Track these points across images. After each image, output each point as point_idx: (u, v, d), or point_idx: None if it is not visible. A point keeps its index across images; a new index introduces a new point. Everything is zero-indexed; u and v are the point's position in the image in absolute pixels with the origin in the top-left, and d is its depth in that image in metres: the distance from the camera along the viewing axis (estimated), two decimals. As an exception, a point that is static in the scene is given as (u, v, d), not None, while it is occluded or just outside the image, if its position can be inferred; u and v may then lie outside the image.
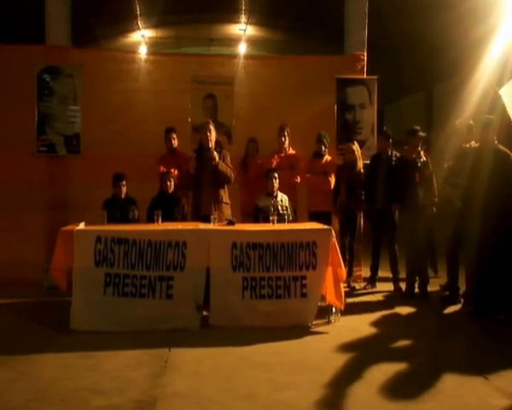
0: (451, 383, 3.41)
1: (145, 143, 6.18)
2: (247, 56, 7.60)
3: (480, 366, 3.67)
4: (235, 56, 7.45)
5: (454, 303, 5.30)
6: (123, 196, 5.48)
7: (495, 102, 5.43)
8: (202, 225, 4.85)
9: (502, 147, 4.99)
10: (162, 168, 5.68)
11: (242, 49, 10.36)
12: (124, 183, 5.46)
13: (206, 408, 3.04)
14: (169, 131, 5.93)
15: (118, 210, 5.29)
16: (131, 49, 10.09)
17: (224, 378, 3.48)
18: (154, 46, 14.03)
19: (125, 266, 4.45)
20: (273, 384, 3.37)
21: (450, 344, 4.23)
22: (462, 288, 5.38)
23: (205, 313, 4.58)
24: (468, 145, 5.55)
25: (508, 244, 4.75)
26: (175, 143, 5.94)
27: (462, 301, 5.29)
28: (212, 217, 4.88)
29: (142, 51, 7.20)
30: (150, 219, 5.16)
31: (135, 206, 5.45)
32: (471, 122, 5.69)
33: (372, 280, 6.07)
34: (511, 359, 3.63)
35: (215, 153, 5.22)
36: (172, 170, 5.59)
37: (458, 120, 6.16)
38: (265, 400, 3.15)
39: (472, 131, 5.56)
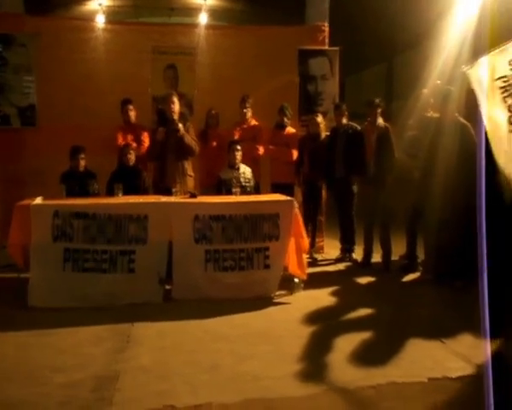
0: (411, 349, 3.52)
1: (104, 115, 5.98)
2: (209, 26, 7.41)
3: (438, 331, 3.80)
4: (196, 26, 7.26)
5: (413, 272, 5.45)
6: (81, 170, 5.30)
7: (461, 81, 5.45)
8: (164, 198, 4.77)
9: (461, 119, 5.07)
10: (120, 140, 5.53)
11: (203, 19, 10.09)
12: (82, 156, 5.28)
13: (170, 381, 3.04)
14: (125, 102, 5.75)
15: (76, 184, 5.13)
16: (89, 18, 9.69)
17: (187, 351, 3.48)
18: (112, 15, 13.50)
19: (85, 240, 4.35)
20: (237, 356, 3.39)
21: (410, 311, 4.35)
22: (421, 257, 5.53)
23: (168, 286, 4.55)
24: (428, 115, 5.59)
25: (465, 213, 4.88)
26: (132, 115, 5.77)
27: (420, 269, 5.45)
28: (173, 190, 4.81)
29: (100, 20, 6.89)
30: (110, 192, 5.03)
31: (94, 179, 5.29)
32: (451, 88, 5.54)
33: (346, 250, 6.14)
34: (467, 323, 3.77)
35: (180, 124, 5.12)
36: (131, 142, 5.45)
37: (424, 89, 6.14)
38: (229, 371, 3.17)
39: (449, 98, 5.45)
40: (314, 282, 4.97)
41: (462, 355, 3.42)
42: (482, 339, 2.46)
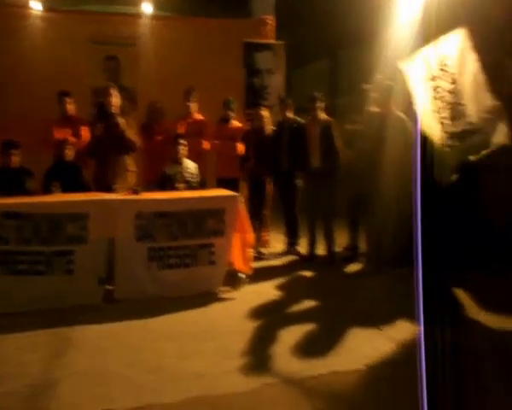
0: (351, 339, 3.62)
1: (38, 109, 5.68)
2: (153, 17, 7.20)
3: (377, 319, 3.93)
4: (139, 16, 7.05)
5: (355, 262, 5.58)
6: (14, 166, 5.01)
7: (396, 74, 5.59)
8: (105, 195, 4.62)
9: (400, 113, 5.22)
10: (57, 135, 5.28)
11: (147, 9, 9.82)
12: (14, 151, 4.97)
13: (111, 384, 2.95)
14: (63, 94, 5.48)
15: (8, 182, 4.84)
16: (22, 4, 9.16)
17: (130, 352, 3.40)
18: (49, 2, 12.89)
19: (19, 242, 4.12)
20: (181, 354, 3.35)
21: (351, 302, 4.45)
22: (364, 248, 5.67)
23: (110, 287, 4.41)
24: (371, 109, 5.70)
25: (403, 204, 5.03)
26: (70, 108, 5.51)
27: (363, 260, 5.59)
28: (114, 186, 4.66)
29: (35, 7, 6.55)
30: (46, 190, 4.80)
31: (29, 177, 5.01)
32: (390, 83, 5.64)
33: (291, 243, 6.16)
34: (402, 310, 3.92)
35: (119, 119, 4.96)
36: (69, 137, 5.22)
37: (366, 84, 6.26)
38: (173, 370, 3.12)
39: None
40: (259, 276, 4.99)
41: (395, 339, 3.57)
42: (417, 325, 2.55)
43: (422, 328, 2.62)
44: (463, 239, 4.50)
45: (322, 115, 5.82)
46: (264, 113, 6.16)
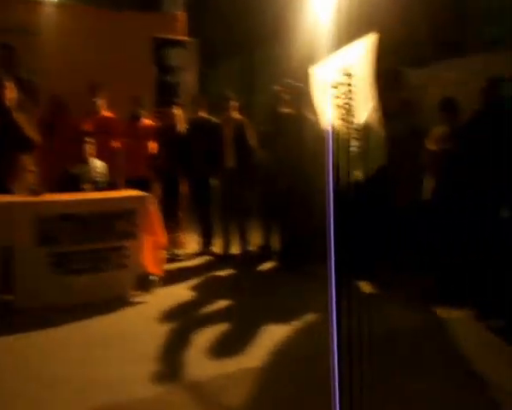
0: (263, 336, 3.68)
1: None
2: (56, 4, 6.75)
3: (288, 315, 4.04)
4: (40, 3, 6.58)
5: (268, 261, 5.66)
6: None
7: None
8: (1, 198, 4.26)
9: (310, 114, 5.34)
10: None
11: (51, -5, 9.25)
12: None
13: (11, 402, 2.73)
14: None
15: None
16: None
17: (33, 366, 3.17)
18: None
19: None
20: (89, 363, 3.20)
21: (263, 300, 4.51)
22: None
23: (9, 296, 4.08)
24: (282, 110, 5.80)
25: (308, 202, 5.19)
26: None
27: (276, 258, 5.68)
28: (10, 187, 4.32)
29: None
30: None
31: None
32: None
33: (206, 244, 6.11)
34: (313, 305, 4.11)
35: (15, 114, 4.59)
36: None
37: (276, 85, 6.37)
38: (80, 381, 2.96)
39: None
40: (173, 278, 4.91)
41: (310, 335, 3.68)
42: (329, 319, 2.63)
43: (335, 322, 2.72)
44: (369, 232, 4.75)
45: (236, 115, 5.84)
46: (177, 111, 6.05)
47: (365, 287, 4.79)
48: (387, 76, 4.68)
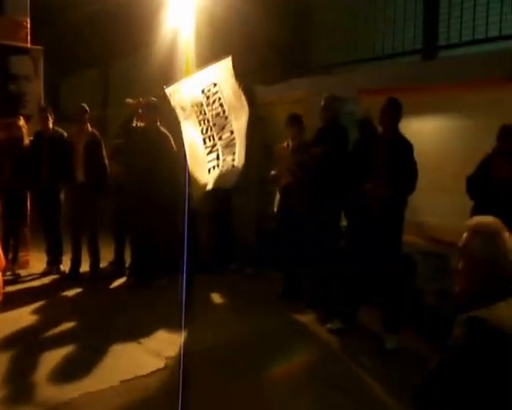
0: (108, 356, 3.59)
1: None
2: None
3: (137, 333, 3.97)
4: None
5: (121, 277, 5.53)
6: None
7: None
8: None
9: (163, 129, 5.36)
10: None
11: None
12: None
13: None
14: None
15: None
16: None
17: None
18: None
19: None
20: None
21: (112, 318, 4.36)
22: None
23: None
24: (134, 124, 5.71)
25: (166, 214, 5.21)
26: None
27: (127, 273, 5.54)
28: None
29: None
30: None
31: None
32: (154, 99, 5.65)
33: (53, 262, 5.74)
34: (165, 322, 4.05)
35: None
36: None
37: (129, 98, 6.25)
38: None
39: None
40: (15, 301, 4.58)
41: (156, 352, 3.67)
42: (177, 334, 2.66)
43: (183, 337, 2.77)
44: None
45: (88, 127, 5.65)
46: (21, 122, 5.68)
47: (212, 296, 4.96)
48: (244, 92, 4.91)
